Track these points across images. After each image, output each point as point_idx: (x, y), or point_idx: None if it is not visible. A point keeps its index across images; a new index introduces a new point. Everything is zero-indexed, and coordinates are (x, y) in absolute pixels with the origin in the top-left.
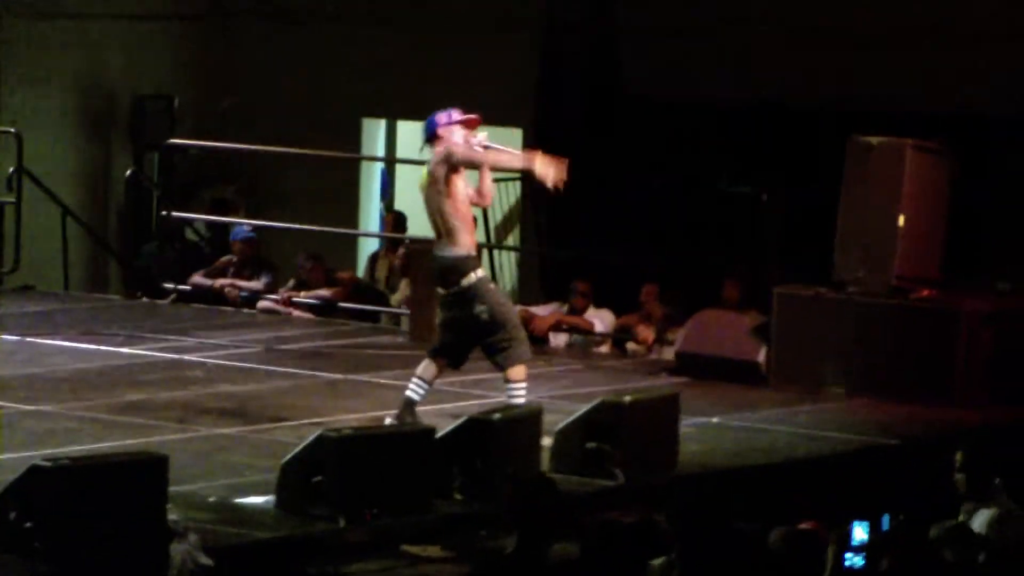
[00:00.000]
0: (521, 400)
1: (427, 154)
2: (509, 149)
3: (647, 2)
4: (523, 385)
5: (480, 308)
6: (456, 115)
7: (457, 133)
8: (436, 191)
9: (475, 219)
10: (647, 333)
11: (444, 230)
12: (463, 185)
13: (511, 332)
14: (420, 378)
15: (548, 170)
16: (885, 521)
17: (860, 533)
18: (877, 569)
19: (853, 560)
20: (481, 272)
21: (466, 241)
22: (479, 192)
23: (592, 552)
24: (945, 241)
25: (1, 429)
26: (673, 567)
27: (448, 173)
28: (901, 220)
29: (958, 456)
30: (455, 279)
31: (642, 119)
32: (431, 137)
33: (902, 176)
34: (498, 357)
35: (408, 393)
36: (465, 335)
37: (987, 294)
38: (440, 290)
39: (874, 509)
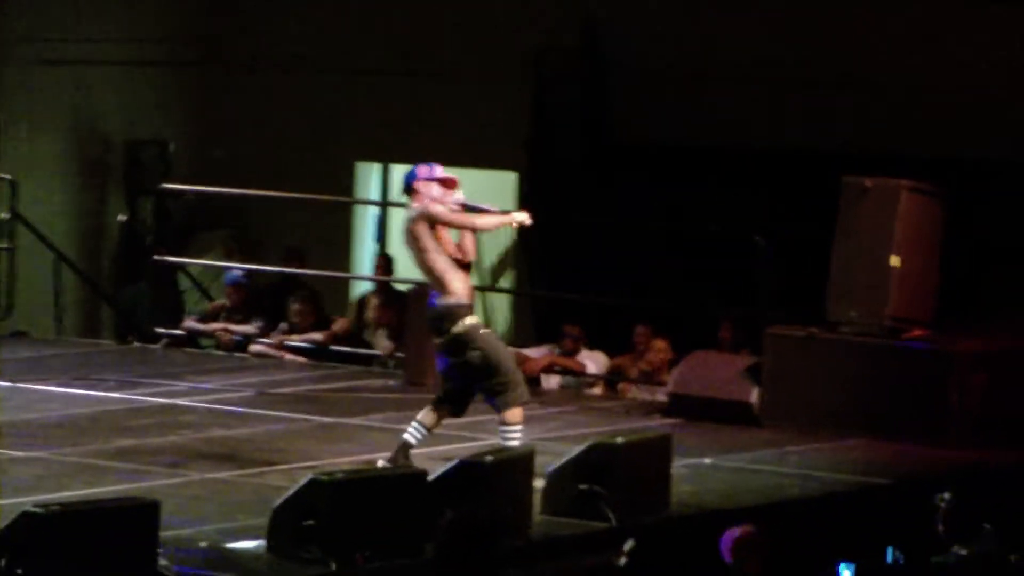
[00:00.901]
0: (515, 443)
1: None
2: (486, 206)
3: (638, 49)
4: (518, 428)
5: (472, 353)
6: (438, 171)
7: (435, 189)
8: (419, 248)
9: (468, 264)
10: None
11: (433, 280)
12: (446, 234)
13: (506, 376)
14: (420, 423)
15: (523, 217)
16: (888, 553)
17: (847, 575)
18: None
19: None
20: (472, 319)
21: (457, 288)
22: (460, 248)
23: None
24: (938, 283)
25: None
26: None
27: (429, 229)
28: (894, 261)
29: (940, 500)
30: (446, 327)
31: (634, 163)
32: (408, 189)
33: (896, 217)
34: (495, 400)
35: (406, 436)
36: (463, 381)
37: (981, 336)
38: (436, 340)
39: (866, 549)
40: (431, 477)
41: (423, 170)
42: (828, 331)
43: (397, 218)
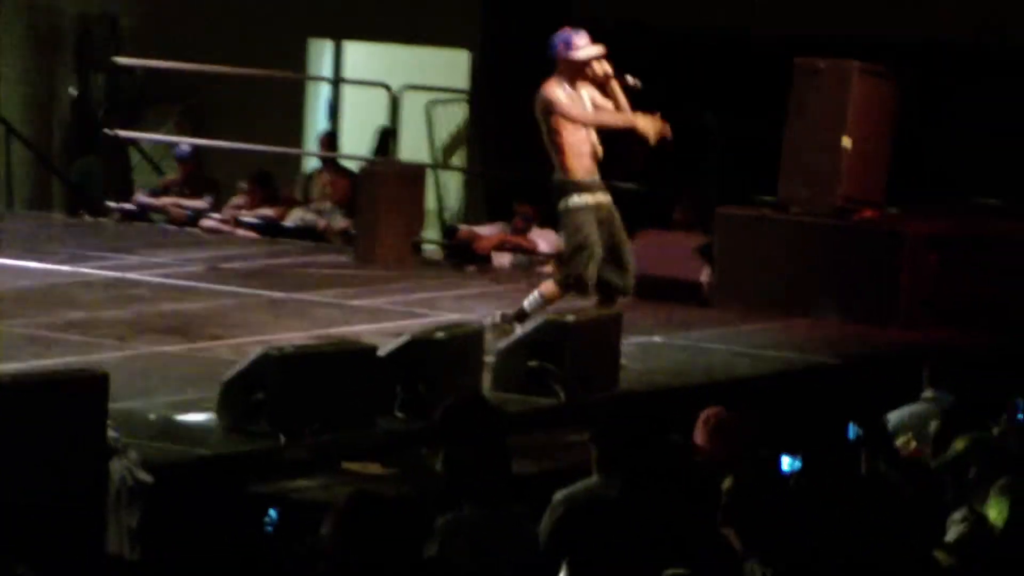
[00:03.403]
0: (529, 308)
1: None
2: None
3: None
4: (541, 302)
5: (563, 233)
6: (579, 41)
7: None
8: (542, 120)
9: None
10: None
11: (552, 153)
12: (578, 111)
13: (569, 257)
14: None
15: (648, 126)
16: (850, 429)
17: (786, 464)
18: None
19: (793, 464)
20: (577, 199)
21: (571, 165)
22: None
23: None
24: (890, 164)
25: None
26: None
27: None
28: (846, 142)
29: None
30: (554, 201)
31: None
32: (553, 58)
33: (848, 98)
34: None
35: (524, 303)
36: None
37: (932, 216)
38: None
39: (821, 428)
40: (381, 352)
41: (562, 48)
42: (779, 211)
43: (349, 95)
